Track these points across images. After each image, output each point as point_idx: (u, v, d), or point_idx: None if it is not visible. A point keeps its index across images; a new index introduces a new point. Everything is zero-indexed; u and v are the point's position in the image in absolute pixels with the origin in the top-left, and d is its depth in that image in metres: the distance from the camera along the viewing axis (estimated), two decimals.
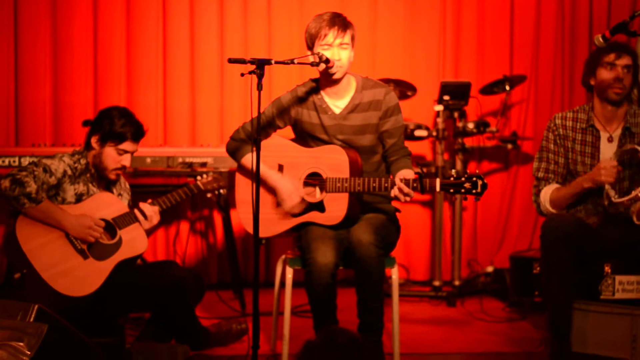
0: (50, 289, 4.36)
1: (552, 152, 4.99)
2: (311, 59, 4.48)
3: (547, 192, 4.93)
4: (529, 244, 7.23)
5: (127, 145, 4.69)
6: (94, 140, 4.67)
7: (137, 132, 4.73)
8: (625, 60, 4.87)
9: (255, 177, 4.01)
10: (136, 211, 4.75)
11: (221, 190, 5.26)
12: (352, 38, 4.61)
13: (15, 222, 4.45)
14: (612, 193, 4.72)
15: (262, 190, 4.62)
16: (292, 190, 4.65)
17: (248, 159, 4.73)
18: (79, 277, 4.46)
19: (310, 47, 4.60)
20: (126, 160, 4.73)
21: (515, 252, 6.66)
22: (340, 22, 4.57)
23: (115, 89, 6.93)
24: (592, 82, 4.97)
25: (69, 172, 4.60)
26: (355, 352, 3.24)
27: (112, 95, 6.90)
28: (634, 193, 4.64)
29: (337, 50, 4.53)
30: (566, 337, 4.70)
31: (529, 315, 6.03)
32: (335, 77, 4.56)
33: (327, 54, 4.49)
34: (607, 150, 4.90)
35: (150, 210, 4.79)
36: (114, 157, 4.69)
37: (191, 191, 5.02)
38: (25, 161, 5.93)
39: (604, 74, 4.91)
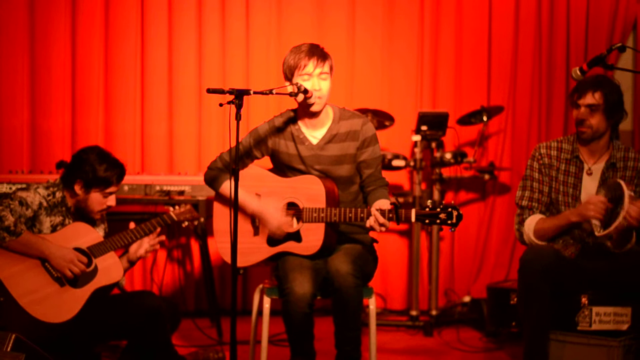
0: (27, 315, 4.33)
1: (536, 181, 4.99)
2: (290, 89, 4.50)
3: (531, 222, 4.91)
4: (506, 274, 7.24)
5: (112, 188, 4.70)
6: (77, 188, 4.64)
7: (121, 175, 4.73)
8: (588, 100, 4.82)
9: (234, 207, 4.01)
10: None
11: (195, 222, 5.25)
12: (331, 68, 4.64)
13: None
14: (597, 229, 4.71)
15: (240, 220, 4.62)
16: (274, 210, 4.65)
17: (226, 187, 4.75)
18: (56, 304, 4.43)
19: (289, 78, 4.62)
20: (112, 200, 4.74)
21: (493, 282, 6.67)
22: (319, 52, 4.61)
23: (93, 115, 6.92)
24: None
25: (45, 204, 4.59)
26: None
27: (90, 121, 6.90)
28: (613, 226, 4.63)
29: (317, 80, 4.56)
30: None
31: (505, 345, 6.04)
32: (314, 108, 4.59)
33: (306, 84, 4.52)
34: (588, 184, 4.91)
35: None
36: (100, 201, 4.68)
37: (164, 221, 5.01)
38: (2, 188, 5.91)
39: (573, 113, 4.93)
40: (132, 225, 4.84)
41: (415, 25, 7.26)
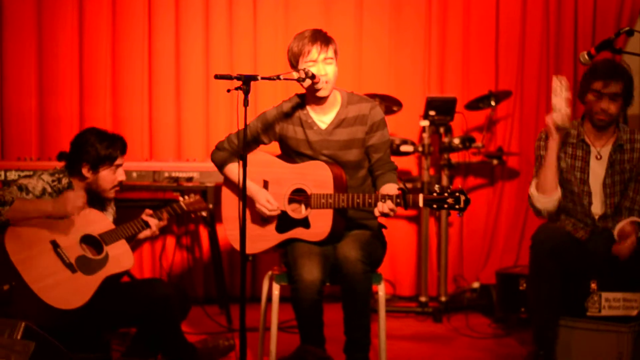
0: (39, 301, 4.32)
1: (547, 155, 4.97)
2: (296, 75, 4.48)
3: (532, 183, 4.93)
4: (515, 260, 7.22)
5: (119, 160, 4.71)
6: (85, 171, 4.64)
7: (123, 146, 4.74)
8: (613, 88, 4.81)
9: (242, 195, 4.01)
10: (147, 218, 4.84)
11: (204, 213, 5.26)
12: (335, 52, 4.63)
13: (4, 234, 4.43)
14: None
15: (248, 207, 4.62)
16: (268, 196, 4.66)
17: (230, 169, 4.77)
18: (68, 290, 4.43)
19: (295, 65, 4.61)
20: (121, 174, 4.75)
21: (502, 268, 6.67)
22: (322, 37, 4.60)
23: (100, 102, 6.92)
24: (583, 103, 4.96)
25: (49, 189, 4.59)
26: None
27: (97, 108, 6.90)
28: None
29: (322, 65, 4.55)
30: (552, 350, 4.72)
31: (514, 331, 6.04)
32: (321, 93, 4.57)
33: (312, 70, 4.51)
34: (597, 167, 4.91)
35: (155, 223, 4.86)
36: (110, 177, 4.69)
37: (174, 211, 5.02)
38: (11, 175, 5.91)
39: (591, 101, 4.89)
40: (149, 212, 4.87)
41: (423, 9, 7.22)
